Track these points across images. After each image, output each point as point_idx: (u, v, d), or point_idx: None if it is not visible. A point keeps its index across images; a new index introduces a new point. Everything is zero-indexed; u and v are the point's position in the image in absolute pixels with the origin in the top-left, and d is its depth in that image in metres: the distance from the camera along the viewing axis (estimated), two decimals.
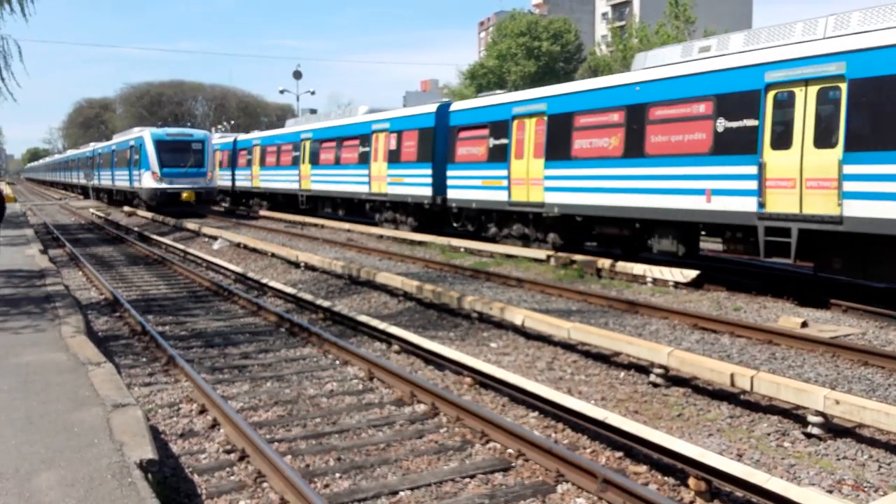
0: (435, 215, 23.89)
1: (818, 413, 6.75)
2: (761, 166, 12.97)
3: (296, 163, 33.29)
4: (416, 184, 23.87)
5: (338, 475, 6.04)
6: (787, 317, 11.37)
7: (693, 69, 14.60)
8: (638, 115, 15.69)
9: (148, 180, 35.06)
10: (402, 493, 5.73)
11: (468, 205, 21.57)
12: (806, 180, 12.36)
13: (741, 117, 13.50)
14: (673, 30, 50.09)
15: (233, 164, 42.64)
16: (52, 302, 11.52)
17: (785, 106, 12.80)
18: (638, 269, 15.17)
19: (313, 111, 62.30)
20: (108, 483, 4.78)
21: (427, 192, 23.27)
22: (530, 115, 18.98)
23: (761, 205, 13.01)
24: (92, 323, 11.74)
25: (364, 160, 27.09)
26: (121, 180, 41.53)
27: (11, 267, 15.75)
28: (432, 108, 23.66)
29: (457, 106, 22.87)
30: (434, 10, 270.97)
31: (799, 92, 12.54)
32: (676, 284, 14.26)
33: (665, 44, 47.93)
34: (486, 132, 20.56)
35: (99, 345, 9.26)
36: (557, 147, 17.93)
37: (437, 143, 22.97)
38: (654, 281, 14.66)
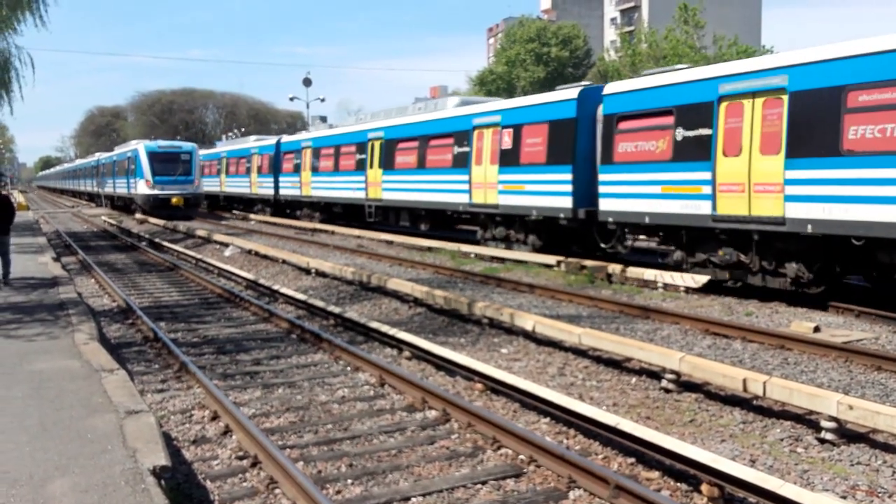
0: (573, 233, 19.25)
1: (831, 418, 6.71)
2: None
3: (361, 167, 28.86)
4: (545, 192, 19.08)
5: (350, 481, 6.05)
6: (800, 322, 11.32)
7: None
8: None
9: (142, 187, 39.55)
10: (413, 499, 5.73)
11: (637, 219, 16.30)
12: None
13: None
14: (682, 34, 50.04)
15: (276, 170, 37.40)
16: (65, 309, 11.60)
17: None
18: (648, 274, 15.13)
19: (323, 118, 62.53)
20: (121, 489, 4.81)
21: (565, 202, 18.42)
22: (752, 94, 13.66)
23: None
24: (105, 330, 11.80)
25: (462, 163, 22.47)
26: (120, 187, 46.16)
27: (25, 275, 15.86)
28: (573, 93, 18.67)
29: (615, 88, 17.50)
30: (443, 16, 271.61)
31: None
32: (687, 289, 14.22)
33: (675, 49, 48.09)
34: (669, 120, 15.40)
35: (112, 352, 9.32)
36: (811, 139, 12.58)
37: (578, 138, 18.41)
38: (665, 286, 14.62)
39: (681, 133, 14.97)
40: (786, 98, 12.86)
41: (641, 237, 19.08)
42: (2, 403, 6.79)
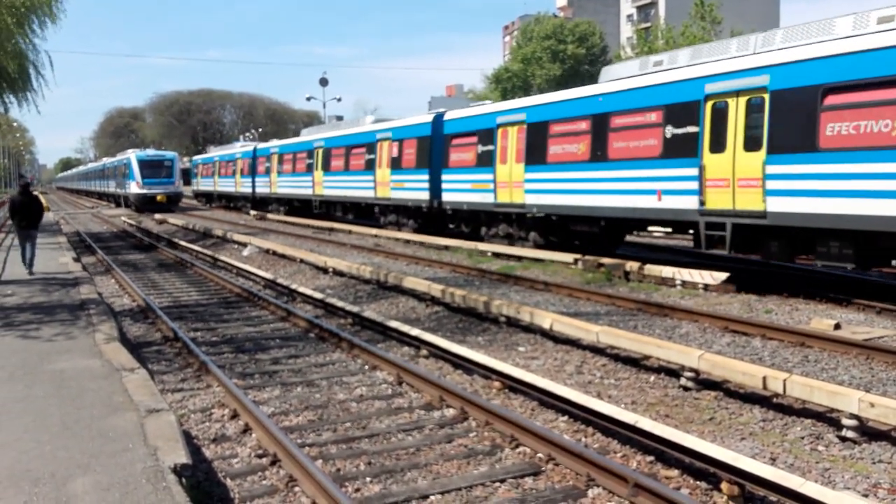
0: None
1: (853, 416, 6.65)
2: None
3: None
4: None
5: (368, 479, 6.07)
6: (820, 319, 11.21)
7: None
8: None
9: (134, 187, 50.45)
10: (432, 498, 5.74)
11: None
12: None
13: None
14: (699, 30, 49.66)
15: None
16: (85, 309, 11.71)
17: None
18: (667, 271, 15.05)
19: (339, 118, 62.73)
20: (142, 487, 4.85)
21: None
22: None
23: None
24: (125, 329, 11.91)
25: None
26: (119, 187, 57.54)
27: (46, 275, 16.03)
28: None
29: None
30: (459, 15, 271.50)
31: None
32: (706, 287, 14.13)
33: (692, 45, 47.72)
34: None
35: (132, 351, 9.40)
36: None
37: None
38: (684, 283, 14.54)
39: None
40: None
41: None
42: (24, 403, 6.87)
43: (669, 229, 18.80)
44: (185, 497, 4.76)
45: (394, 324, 11.22)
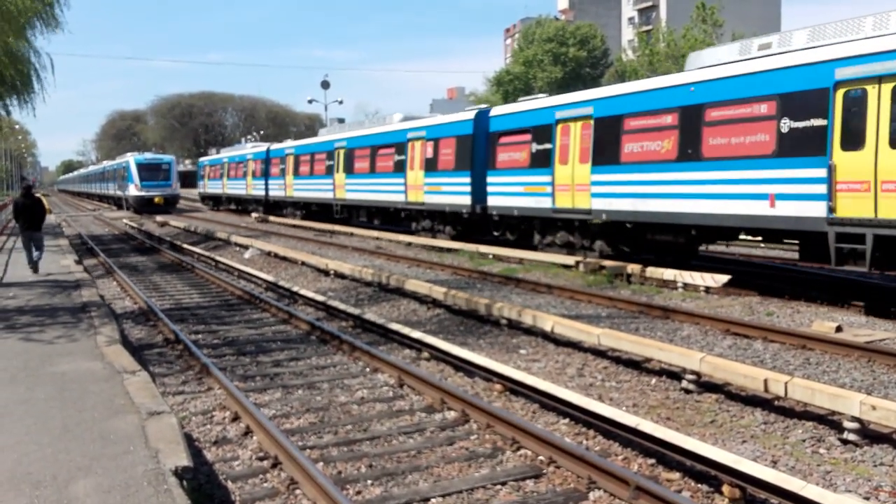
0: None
1: (854, 419, 6.65)
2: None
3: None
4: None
5: (369, 482, 6.07)
6: (821, 321, 11.20)
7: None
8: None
9: (133, 190, 52.19)
10: (433, 500, 5.74)
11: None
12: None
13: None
14: (700, 33, 49.72)
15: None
16: (87, 311, 11.72)
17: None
18: (668, 274, 15.05)
19: (341, 120, 62.84)
20: (144, 490, 4.85)
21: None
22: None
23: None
24: (126, 332, 11.91)
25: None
26: (118, 189, 59.11)
27: (48, 277, 16.05)
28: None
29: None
30: (460, 18, 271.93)
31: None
32: (707, 289, 14.13)
33: (693, 48, 47.83)
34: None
35: (134, 353, 9.41)
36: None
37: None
38: (685, 286, 14.54)
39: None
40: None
41: None
42: (25, 405, 6.87)
43: (759, 238, 17.19)
44: (186, 500, 4.76)
45: (395, 326, 11.22)
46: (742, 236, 17.57)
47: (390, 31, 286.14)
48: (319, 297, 14.21)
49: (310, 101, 63.57)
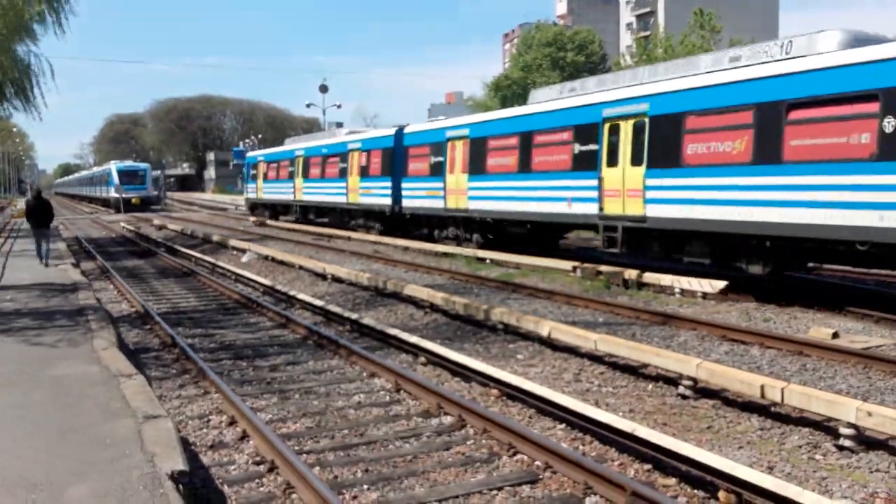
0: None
1: (850, 425, 6.65)
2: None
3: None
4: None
5: (366, 487, 6.06)
6: (818, 328, 11.22)
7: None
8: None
9: (114, 192, 62.19)
10: None
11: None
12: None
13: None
14: (698, 39, 49.90)
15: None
16: (84, 315, 11.71)
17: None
18: (665, 279, 15.06)
19: (339, 124, 62.98)
20: (139, 494, 4.85)
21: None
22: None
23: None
24: (123, 335, 11.90)
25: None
26: (102, 192, 70.60)
27: (45, 281, 16.04)
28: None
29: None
30: (459, 23, 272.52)
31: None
32: (704, 295, 14.14)
33: (690, 53, 47.96)
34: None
35: (130, 357, 9.39)
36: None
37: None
38: (682, 292, 14.55)
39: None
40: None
41: None
42: (22, 409, 6.86)
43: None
44: (182, 503, 4.76)
45: (392, 331, 11.22)
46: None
47: (389, 36, 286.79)
48: (317, 302, 14.21)
49: (308, 106, 63.65)
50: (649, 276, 15.47)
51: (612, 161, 16.78)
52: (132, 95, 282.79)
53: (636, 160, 16.14)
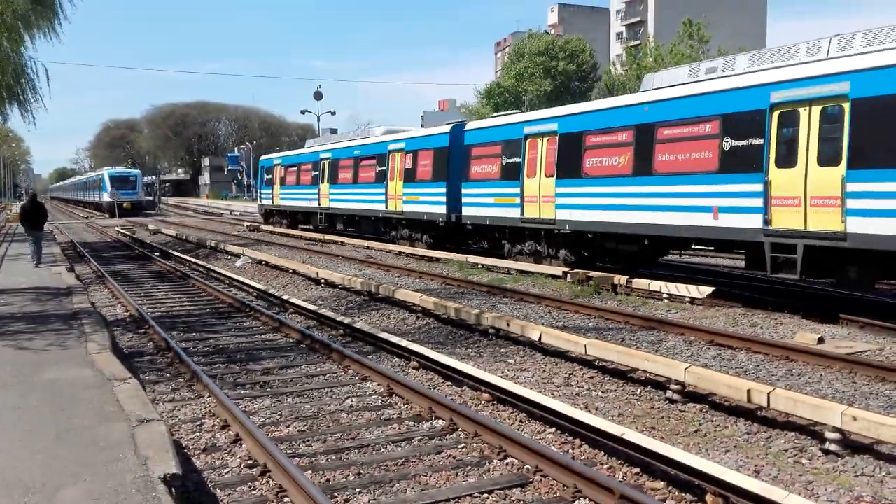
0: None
1: (836, 429, 6.73)
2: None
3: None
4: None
5: (357, 490, 6.12)
6: (804, 333, 11.34)
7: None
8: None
9: (106, 196, 65.03)
10: None
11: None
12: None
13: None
14: (687, 49, 50.25)
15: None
16: (78, 319, 11.73)
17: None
18: (654, 285, 15.17)
19: (334, 130, 62.97)
20: (132, 497, 4.89)
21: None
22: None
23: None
24: (117, 339, 11.92)
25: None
26: (95, 197, 73.72)
27: (40, 285, 16.04)
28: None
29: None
30: (452, 31, 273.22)
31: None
32: (692, 300, 14.25)
33: (679, 63, 48.30)
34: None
35: (124, 361, 9.42)
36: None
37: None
38: (671, 297, 14.66)
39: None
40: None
41: None
42: (16, 412, 6.90)
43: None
44: None
45: (384, 335, 11.28)
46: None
47: (384, 44, 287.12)
48: (310, 306, 14.26)
49: (303, 112, 64.02)
50: (638, 282, 15.58)
51: (787, 159, 12.96)
52: (130, 100, 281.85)
53: (829, 158, 12.29)
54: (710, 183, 14.39)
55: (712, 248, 18.66)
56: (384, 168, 27.26)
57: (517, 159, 20.00)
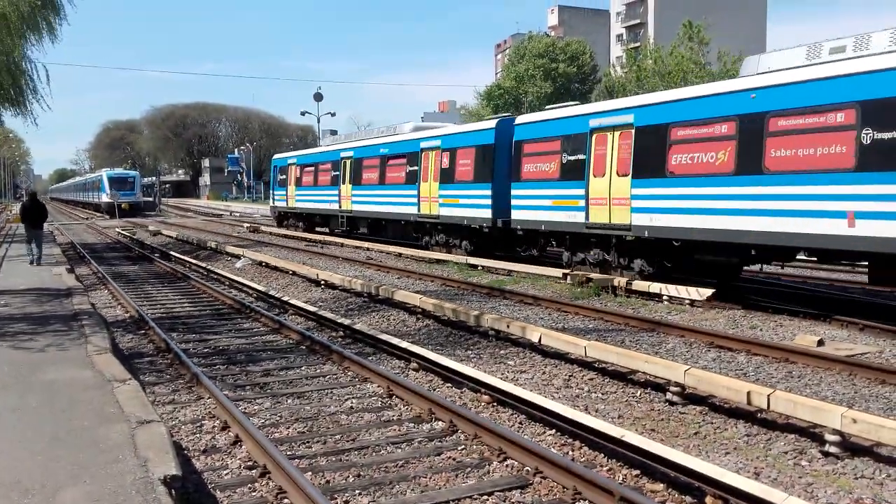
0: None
1: (836, 431, 6.73)
2: None
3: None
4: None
5: (357, 491, 6.12)
6: (804, 335, 11.34)
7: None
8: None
9: (105, 198, 66.68)
10: None
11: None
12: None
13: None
14: (687, 51, 50.34)
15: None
16: (78, 320, 11.73)
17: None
18: (654, 287, 15.16)
19: (333, 132, 62.96)
20: (132, 499, 4.88)
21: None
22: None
23: None
24: (117, 340, 11.92)
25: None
26: (94, 198, 75.18)
27: (40, 286, 16.04)
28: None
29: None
30: (452, 33, 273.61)
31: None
32: (692, 302, 14.25)
33: (679, 65, 48.38)
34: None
35: (124, 362, 9.42)
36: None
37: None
38: (671, 299, 14.65)
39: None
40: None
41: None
42: (15, 413, 6.90)
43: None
44: None
45: (384, 337, 11.29)
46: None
47: (384, 45, 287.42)
48: (310, 308, 14.26)
49: (303, 114, 63.83)
50: (638, 284, 15.57)
51: None
52: (129, 101, 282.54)
53: None
54: (843, 183, 11.96)
55: (815, 259, 15.89)
56: (416, 168, 25.05)
57: (581, 156, 17.55)
